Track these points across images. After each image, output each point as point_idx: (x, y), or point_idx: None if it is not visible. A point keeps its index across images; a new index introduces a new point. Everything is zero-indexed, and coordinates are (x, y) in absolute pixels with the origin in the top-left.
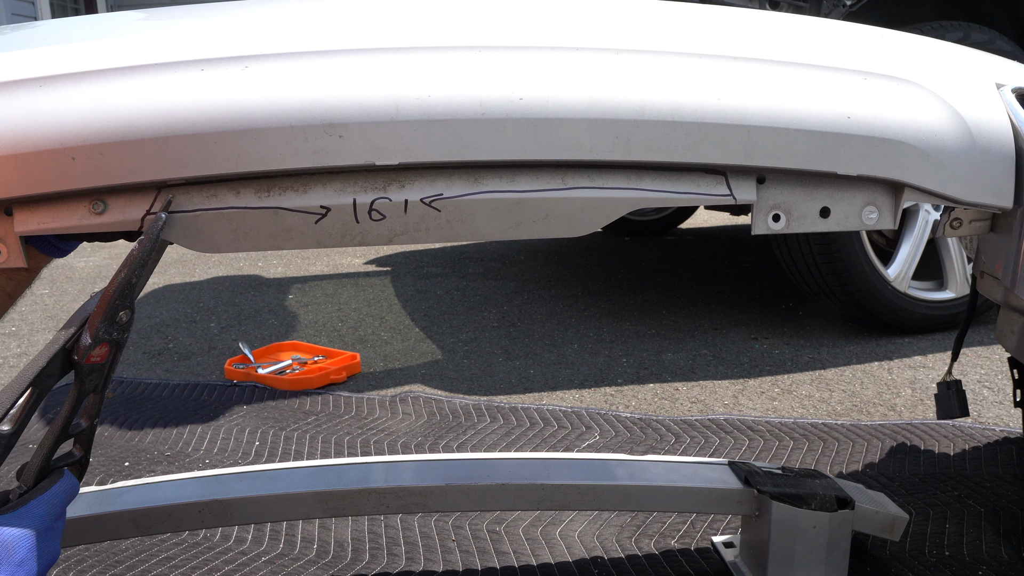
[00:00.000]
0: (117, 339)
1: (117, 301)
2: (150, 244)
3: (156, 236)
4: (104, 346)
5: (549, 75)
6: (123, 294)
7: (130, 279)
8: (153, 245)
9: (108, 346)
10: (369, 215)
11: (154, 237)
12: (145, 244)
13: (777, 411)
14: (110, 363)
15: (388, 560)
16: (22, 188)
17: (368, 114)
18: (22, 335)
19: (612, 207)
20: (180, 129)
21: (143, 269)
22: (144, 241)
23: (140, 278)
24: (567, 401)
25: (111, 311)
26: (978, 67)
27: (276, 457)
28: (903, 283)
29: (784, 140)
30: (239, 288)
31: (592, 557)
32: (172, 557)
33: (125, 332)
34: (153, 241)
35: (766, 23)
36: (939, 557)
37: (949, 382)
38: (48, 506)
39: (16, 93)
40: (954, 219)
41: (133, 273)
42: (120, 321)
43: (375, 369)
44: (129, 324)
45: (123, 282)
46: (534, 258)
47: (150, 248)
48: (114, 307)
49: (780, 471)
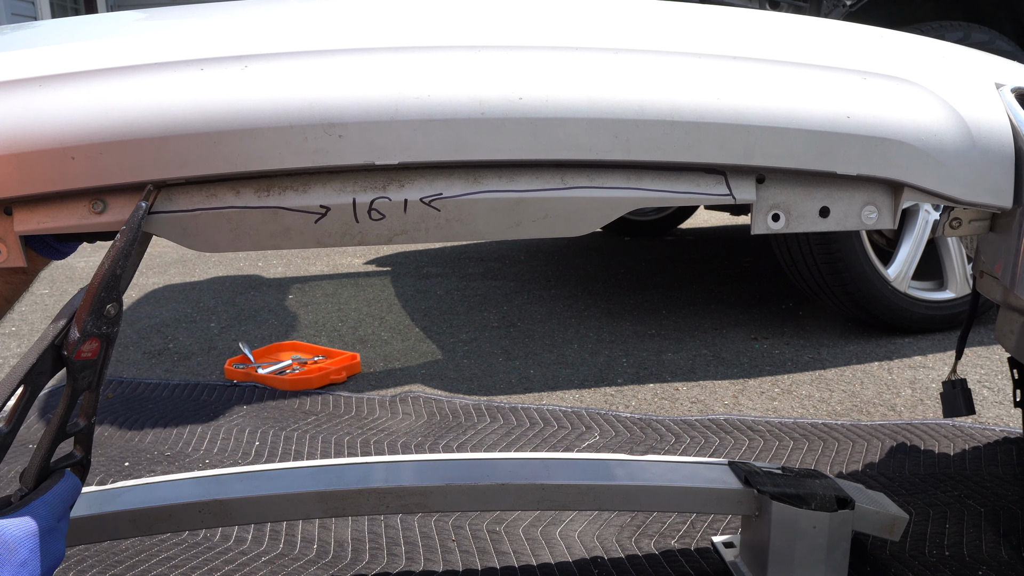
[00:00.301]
0: (107, 333)
1: (103, 294)
2: (132, 235)
3: (138, 226)
4: (94, 340)
5: (549, 75)
6: (108, 286)
7: (114, 271)
8: (135, 236)
9: (98, 341)
10: (369, 215)
11: (135, 227)
12: (127, 235)
13: (777, 411)
14: (102, 359)
15: (388, 560)
16: (22, 188)
17: (368, 114)
18: (22, 335)
19: (612, 207)
20: (180, 129)
21: (127, 260)
22: (126, 232)
23: (124, 269)
24: (567, 401)
25: (97, 304)
26: (978, 67)
27: (276, 457)
28: (903, 283)
29: (784, 140)
30: (239, 288)
31: (592, 557)
32: (172, 557)
33: (115, 326)
34: (135, 231)
35: (766, 23)
36: (939, 557)
37: (954, 380)
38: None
39: (16, 92)
40: (953, 219)
41: (117, 264)
42: (108, 315)
43: (375, 369)
44: (118, 317)
45: (107, 274)
46: (534, 258)
47: (132, 239)
48: (100, 300)
49: (780, 471)
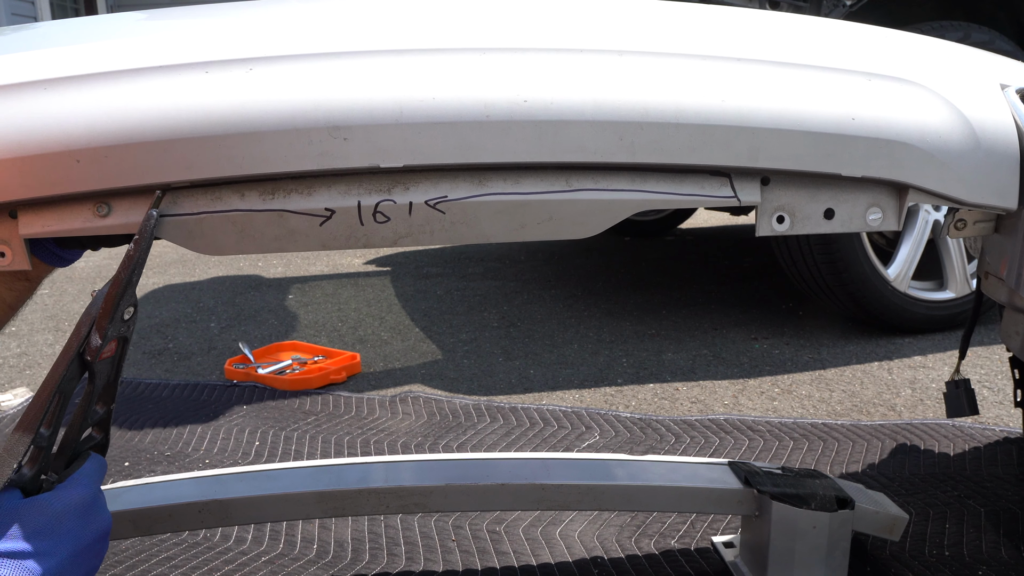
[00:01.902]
0: (124, 334)
1: (120, 300)
2: (146, 243)
3: (150, 235)
4: (113, 342)
5: (553, 77)
6: (125, 293)
7: (130, 278)
8: (149, 244)
9: (116, 341)
10: (374, 217)
11: (148, 236)
12: (141, 243)
13: (777, 411)
14: (120, 355)
15: (388, 560)
16: (26, 191)
17: (372, 116)
18: (22, 335)
19: (617, 209)
20: (184, 132)
21: (141, 268)
22: (139, 241)
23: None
24: (567, 401)
25: (116, 310)
26: (982, 67)
27: (276, 457)
28: (903, 283)
29: (788, 142)
30: (239, 288)
31: (592, 557)
32: (172, 557)
33: (131, 326)
34: (148, 240)
35: (770, 24)
36: (939, 557)
37: (958, 381)
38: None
39: (20, 95)
40: (958, 220)
41: (132, 272)
42: (125, 317)
43: (375, 369)
44: (134, 318)
45: (124, 282)
46: (534, 258)
47: (146, 247)
48: (118, 306)
49: (780, 471)
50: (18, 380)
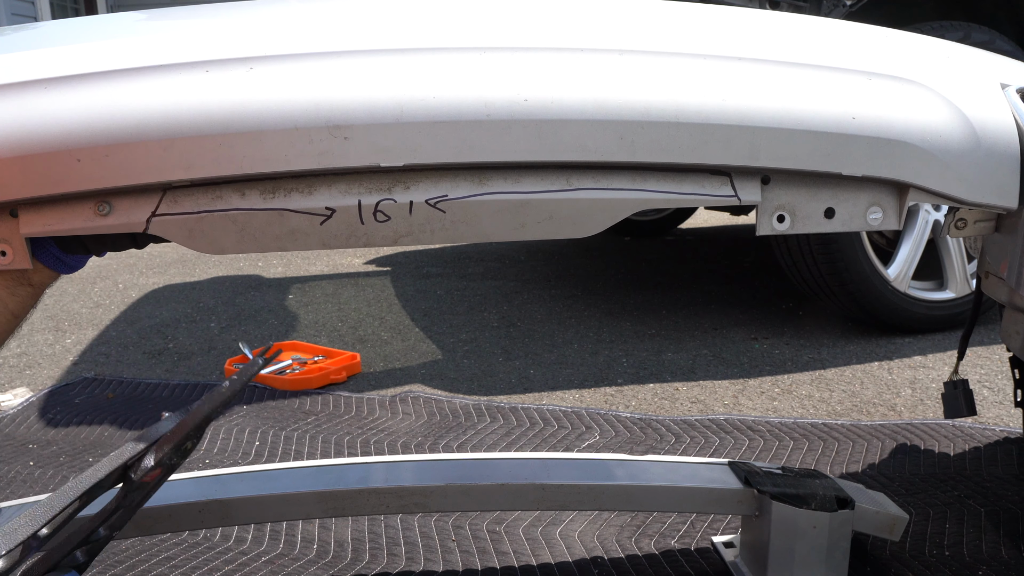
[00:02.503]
0: (175, 464)
1: (191, 432)
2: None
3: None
4: (159, 468)
5: (554, 76)
6: (199, 427)
7: (210, 417)
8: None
9: (162, 469)
10: (374, 216)
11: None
12: (234, 387)
13: (777, 411)
14: (157, 483)
15: (388, 560)
16: (27, 190)
17: (373, 116)
18: (22, 335)
19: (617, 208)
20: (185, 131)
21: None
22: (234, 385)
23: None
24: (567, 401)
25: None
26: (983, 67)
27: (276, 457)
28: (903, 283)
29: (789, 141)
30: (239, 288)
31: (592, 557)
32: (172, 557)
33: (184, 459)
34: (243, 384)
35: (770, 24)
36: (939, 557)
37: (956, 381)
38: None
39: (22, 95)
40: (959, 219)
41: (215, 411)
42: (185, 449)
43: (375, 369)
44: (190, 452)
45: (203, 418)
46: (534, 258)
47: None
48: (186, 437)
49: (780, 471)
50: (18, 380)
